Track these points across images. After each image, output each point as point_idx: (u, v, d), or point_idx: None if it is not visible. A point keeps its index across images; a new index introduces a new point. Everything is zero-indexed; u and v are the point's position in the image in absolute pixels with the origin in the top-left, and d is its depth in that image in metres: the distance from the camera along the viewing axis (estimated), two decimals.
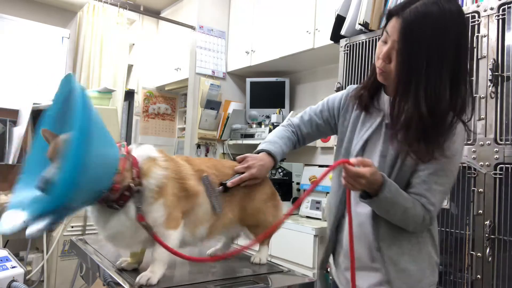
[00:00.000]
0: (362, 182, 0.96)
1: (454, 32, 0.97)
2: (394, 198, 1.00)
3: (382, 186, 0.98)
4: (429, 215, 1.03)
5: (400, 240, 1.07)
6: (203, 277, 1.09)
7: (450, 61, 0.97)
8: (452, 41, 0.97)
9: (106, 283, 1.05)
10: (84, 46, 3.36)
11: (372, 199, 1.00)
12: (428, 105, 0.96)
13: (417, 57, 0.96)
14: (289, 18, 2.91)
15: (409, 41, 0.96)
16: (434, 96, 0.96)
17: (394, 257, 1.06)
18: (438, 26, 0.95)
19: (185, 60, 3.57)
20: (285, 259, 2.31)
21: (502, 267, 1.50)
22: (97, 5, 3.36)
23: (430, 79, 0.96)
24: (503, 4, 1.57)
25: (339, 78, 2.21)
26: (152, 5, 4.09)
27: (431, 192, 1.03)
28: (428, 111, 0.96)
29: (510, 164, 1.50)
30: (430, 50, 0.95)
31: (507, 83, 1.55)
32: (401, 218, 1.02)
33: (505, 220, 1.51)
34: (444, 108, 0.98)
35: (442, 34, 0.96)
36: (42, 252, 2.46)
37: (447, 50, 0.96)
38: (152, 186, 1.00)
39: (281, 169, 2.93)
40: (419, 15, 0.95)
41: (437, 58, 0.96)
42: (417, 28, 0.95)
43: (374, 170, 0.97)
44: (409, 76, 0.98)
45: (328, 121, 1.28)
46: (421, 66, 0.96)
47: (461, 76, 0.99)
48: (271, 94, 3.39)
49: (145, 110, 4.27)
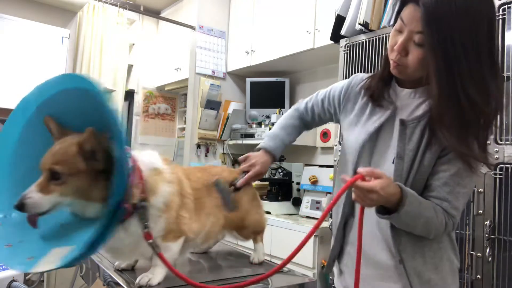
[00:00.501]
0: (373, 197, 0.85)
1: (486, 14, 0.87)
2: (416, 211, 0.89)
3: (401, 200, 0.87)
4: (452, 220, 0.93)
5: (422, 248, 0.97)
6: (203, 277, 1.09)
7: (485, 48, 0.86)
8: (484, 24, 0.86)
9: (106, 283, 1.04)
10: (84, 46, 3.36)
11: (391, 216, 0.89)
12: (480, 96, 0.85)
13: (453, 47, 0.84)
14: (289, 18, 2.91)
15: (439, 31, 0.85)
16: (482, 84, 0.86)
17: (418, 268, 0.96)
18: (466, 11, 0.84)
19: (185, 60, 3.57)
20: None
21: (502, 267, 1.50)
22: (97, 5, 3.36)
23: (471, 65, 0.85)
24: (503, 4, 1.57)
25: (339, 78, 2.21)
26: (152, 5, 4.09)
27: (453, 195, 0.92)
28: (483, 103, 0.86)
29: (510, 164, 1.50)
30: (463, 38, 0.84)
31: (507, 83, 1.54)
32: (422, 229, 0.93)
33: (505, 220, 1.51)
34: (496, 97, 0.88)
35: (472, 19, 0.85)
36: None
37: (481, 36, 0.85)
38: (160, 205, 0.95)
39: (281, 169, 2.93)
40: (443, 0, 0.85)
41: (472, 46, 0.85)
42: (444, 15, 0.84)
43: (386, 183, 0.86)
44: (449, 67, 0.86)
45: (329, 111, 1.22)
46: (459, 56, 0.85)
47: (497, 66, 0.90)
48: (271, 94, 3.39)
49: (145, 110, 4.27)
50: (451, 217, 0.93)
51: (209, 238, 1.16)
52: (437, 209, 0.93)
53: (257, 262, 1.24)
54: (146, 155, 1.01)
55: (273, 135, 1.27)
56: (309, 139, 3.02)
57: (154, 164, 1.00)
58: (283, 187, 2.89)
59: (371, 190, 0.85)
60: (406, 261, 0.96)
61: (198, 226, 1.09)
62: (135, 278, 1.00)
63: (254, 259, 1.25)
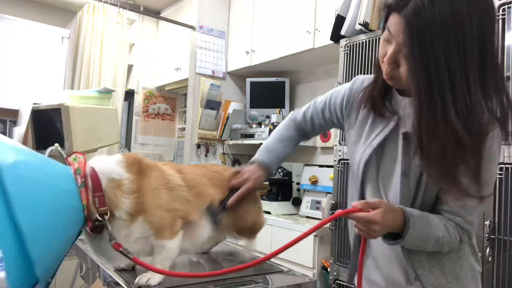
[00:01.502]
0: (375, 228, 0.83)
1: (476, 18, 0.76)
2: (424, 233, 0.86)
3: (405, 225, 0.85)
4: (467, 234, 0.89)
5: (440, 260, 0.93)
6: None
7: (475, 57, 0.77)
8: (474, 30, 0.76)
9: (106, 283, 1.05)
10: (84, 46, 3.36)
11: (397, 241, 0.87)
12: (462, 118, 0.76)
13: (434, 61, 0.76)
14: (289, 18, 2.91)
15: (420, 44, 0.77)
16: (465, 106, 0.76)
17: (437, 282, 0.92)
18: (452, 18, 0.75)
19: (185, 60, 3.57)
20: (285, 259, 2.30)
21: (502, 267, 1.50)
22: (97, 5, 3.36)
23: (455, 85, 0.76)
24: (503, 4, 1.57)
25: (339, 78, 2.21)
26: (152, 5, 4.09)
27: (466, 210, 0.87)
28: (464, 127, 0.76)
29: (510, 164, 1.50)
30: (447, 50, 0.76)
31: (507, 83, 1.54)
32: (434, 247, 0.89)
33: (505, 220, 1.51)
34: (481, 119, 0.77)
35: (459, 26, 0.75)
36: None
37: (469, 44, 0.76)
38: (124, 216, 0.95)
39: (281, 169, 2.93)
40: (425, 8, 0.76)
41: (458, 57, 0.76)
42: (426, 27, 0.76)
43: (385, 210, 0.83)
44: (430, 87, 0.77)
45: (331, 120, 1.15)
46: (442, 71, 0.76)
47: (491, 73, 0.79)
48: (271, 94, 3.39)
49: (145, 110, 4.27)
50: (465, 231, 0.89)
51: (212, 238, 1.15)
52: (449, 225, 0.88)
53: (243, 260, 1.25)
54: (103, 163, 0.98)
55: (268, 148, 1.21)
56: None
57: (112, 174, 0.96)
58: (283, 187, 2.89)
59: (372, 221, 0.82)
60: (422, 277, 0.92)
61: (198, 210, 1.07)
62: (135, 278, 1.00)
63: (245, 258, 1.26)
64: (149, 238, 1.00)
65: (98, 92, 2.86)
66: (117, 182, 0.95)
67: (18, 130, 2.63)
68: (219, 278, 1.08)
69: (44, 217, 0.78)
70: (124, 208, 0.94)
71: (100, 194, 0.92)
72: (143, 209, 0.97)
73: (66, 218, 0.86)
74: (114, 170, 0.97)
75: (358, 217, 0.84)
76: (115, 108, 2.96)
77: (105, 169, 0.96)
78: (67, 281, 2.48)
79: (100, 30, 3.37)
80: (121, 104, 3.53)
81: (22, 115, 2.69)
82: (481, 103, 0.78)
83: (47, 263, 0.79)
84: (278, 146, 1.21)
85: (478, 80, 0.77)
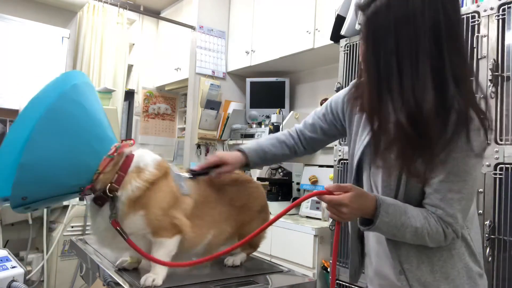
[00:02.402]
0: (343, 210, 0.86)
1: (430, 11, 0.80)
2: (397, 221, 0.87)
3: (376, 210, 0.87)
4: (450, 228, 0.88)
5: (431, 258, 0.92)
6: (203, 277, 1.09)
7: (427, 50, 0.80)
8: (427, 28, 0.80)
9: (106, 283, 1.05)
10: (84, 46, 3.36)
11: (370, 227, 0.89)
12: (408, 111, 0.81)
13: (384, 56, 0.82)
14: (289, 18, 2.91)
15: (374, 41, 0.84)
16: (413, 99, 0.80)
17: (422, 278, 0.92)
18: (405, 12, 0.80)
19: (185, 60, 3.57)
20: (285, 259, 2.30)
21: (502, 267, 1.50)
22: (97, 5, 3.36)
23: (404, 77, 0.81)
24: (503, 4, 1.57)
25: (339, 78, 2.21)
26: (152, 5, 4.09)
27: (446, 202, 0.87)
28: (408, 120, 0.80)
29: (510, 164, 1.50)
30: (399, 46, 0.81)
31: (507, 83, 1.54)
32: (414, 238, 0.89)
33: (505, 220, 1.51)
34: (429, 111, 0.80)
35: (412, 25, 0.80)
36: (42, 252, 2.46)
37: (421, 38, 0.80)
38: (123, 199, 0.98)
39: (281, 169, 2.93)
40: (382, 7, 0.83)
41: (409, 50, 0.80)
42: (381, 25, 0.82)
43: (355, 195, 0.86)
44: (379, 80, 0.84)
45: (334, 124, 1.16)
46: (391, 65, 0.82)
47: (450, 64, 0.82)
48: (271, 94, 3.38)
49: (145, 110, 4.27)
50: (448, 225, 0.88)
51: (211, 249, 1.14)
52: (431, 218, 0.89)
53: (230, 265, 1.21)
54: (142, 153, 1.05)
55: (255, 141, 1.22)
56: None
57: (140, 163, 1.02)
58: (283, 187, 2.89)
59: (340, 203, 0.86)
60: (408, 272, 0.93)
61: (198, 232, 1.08)
62: (137, 279, 1.00)
63: (228, 262, 1.21)
64: (144, 236, 1.01)
65: (98, 92, 2.86)
66: (140, 170, 1.01)
67: None
68: (220, 278, 1.08)
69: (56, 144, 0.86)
70: (130, 189, 0.98)
71: (123, 175, 0.98)
72: (146, 204, 0.99)
73: (74, 165, 0.92)
74: (145, 161, 1.03)
75: (327, 199, 0.87)
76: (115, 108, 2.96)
77: (140, 158, 1.03)
78: (67, 281, 2.48)
79: (100, 30, 3.37)
80: (121, 104, 3.53)
81: None
82: (430, 96, 0.80)
83: (30, 180, 0.85)
84: (266, 142, 1.22)
85: (430, 72, 0.80)
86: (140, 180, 0.99)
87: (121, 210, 0.98)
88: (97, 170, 0.95)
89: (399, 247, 0.94)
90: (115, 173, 0.97)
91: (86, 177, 0.95)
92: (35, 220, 2.42)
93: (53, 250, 2.44)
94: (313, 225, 2.28)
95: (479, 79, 1.59)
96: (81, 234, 2.54)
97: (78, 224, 2.55)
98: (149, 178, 1.00)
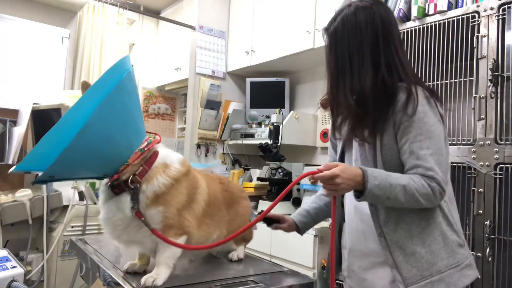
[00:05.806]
0: (338, 181, 0.97)
1: (371, 23, 1.10)
2: (384, 181, 0.98)
3: (364, 176, 0.98)
4: (434, 181, 0.99)
5: (409, 223, 1.05)
6: (203, 277, 1.10)
7: (369, 48, 1.09)
8: (369, 37, 1.09)
9: (106, 283, 1.05)
10: (84, 46, 3.36)
11: (364, 194, 0.99)
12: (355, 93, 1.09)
13: (341, 57, 1.12)
14: (289, 18, 2.91)
15: (336, 48, 1.13)
16: (358, 82, 1.08)
17: (400, 241, 1.04)
18: (354, 26, 1.10)
19: (185, 60, 3.57)
20: (285, 259, 2.30)
21: (502, 267, 1.50)
22: (97, 5, 3.36)
23: (353, 68, 1.09)
24: (503, 4, 1.57)
25: None
26: (152, 5, 4.09)
27: (421, 159, 1.01)
28: (357, 101, 1.09)
29: (510, 164, 1.50)
30: (350, 51, 1.10)
31: (507, 83, 1.55)
32: (406, 198, 0.99)
33: (505, 220, 1.51)
34: (368, 88, 1.07)
35: (359, 36, 1.10)
36: (42, 252, 2.46)
37: (365, 40, 1.09)
38: (148, 192, 1.01)
39: (281, 169, 2.93)
40: (339, 25, 1.13)
41: (357, 49, 1.09)
42: (338, 39, 1.13)
43: (343, 167, 0.99)
44: (337, 73, 1.12)
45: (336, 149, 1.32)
46: (345, 63, 1.11)
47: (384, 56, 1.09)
48: (271, 94, 3.38)
49: (145, 110, 4.26)
50: (431, 179, 0.99)
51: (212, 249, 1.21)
52: (413, 177, 1.00)
53: (236, 259, 1.29)
54: (168, 152, 1.11)
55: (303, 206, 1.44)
56: (309, 139, 3.01)
57: (167, 159, 1.07)
58: (283, 187, 2.89)
59: (333, 176, 0.97)
60: (387, 234, 1.05)
61: (203, 235, 1.13)
62: (138, 279, 1.00)
63: (233, 256, 1.30)
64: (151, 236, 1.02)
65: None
66: (165, 166, 1.06)
67: (18, 130, 2.63)
68: (220, 278, 1.08)
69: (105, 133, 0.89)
70: (156, 184, 1.01)
71: (147, 168, 1.02)
72: (167, 201, 1.02)
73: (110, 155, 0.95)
74: (171, 158, 1.09)
75: (320, 176, 0.99)
76: None
77: (166, 155, 1.08)
78: (67, 281, 2.48)
79: (100, 30, 3.37)
80: None
81: (22, 115, 2.69)
82: (370, 76, 1.08)
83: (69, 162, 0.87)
84: (309, 204, 1.42)
85: (371, 64, 1.08)
86: (167, 176, 1.03)
87: (144, 202, 1.00)
88: (126, 162, 0.98)
89: (380, 213, 1.07)
90: (140, 165, 1.01)
91: (115, 167, 0.98)
92: (35, 220, 2.42)
93: (53, 250, 2.45)
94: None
95: (479, 79, 1.60)
96: (81, 234, 2.54)
97: (78, 224, 2.55)
98: (174, 175, 1.05)
